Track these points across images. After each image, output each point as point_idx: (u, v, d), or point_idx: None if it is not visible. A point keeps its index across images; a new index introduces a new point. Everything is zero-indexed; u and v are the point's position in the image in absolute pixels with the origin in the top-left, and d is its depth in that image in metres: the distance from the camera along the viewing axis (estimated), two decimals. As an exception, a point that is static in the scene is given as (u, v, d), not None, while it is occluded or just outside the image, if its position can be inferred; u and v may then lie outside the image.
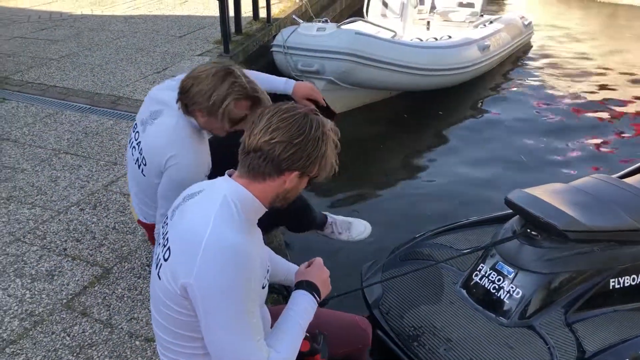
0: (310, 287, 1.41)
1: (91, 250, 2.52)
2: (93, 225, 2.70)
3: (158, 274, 1.27)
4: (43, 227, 2.68)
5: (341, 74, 5.08)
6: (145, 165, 1.92)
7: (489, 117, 5.56)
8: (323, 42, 5.06)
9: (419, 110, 5.61)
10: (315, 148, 1.24)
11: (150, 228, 2.09)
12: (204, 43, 5.43)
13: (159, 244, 1.32)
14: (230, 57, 5.03)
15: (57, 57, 5.17)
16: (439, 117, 5.53)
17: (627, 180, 2.51)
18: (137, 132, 1.98)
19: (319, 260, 1.52)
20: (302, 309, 1.36)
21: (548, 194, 2.16)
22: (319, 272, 1.47)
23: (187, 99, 1.76)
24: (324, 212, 2.46)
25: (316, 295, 1.41)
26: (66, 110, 4.03)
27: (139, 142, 1.94)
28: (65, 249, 2.52)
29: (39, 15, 6.66)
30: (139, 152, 1.94)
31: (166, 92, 1.91)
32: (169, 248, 1.24)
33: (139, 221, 2.15)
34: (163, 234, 1.32)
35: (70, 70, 4.79)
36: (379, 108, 5.63)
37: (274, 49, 5.35)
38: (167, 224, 1.33)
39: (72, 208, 2.83)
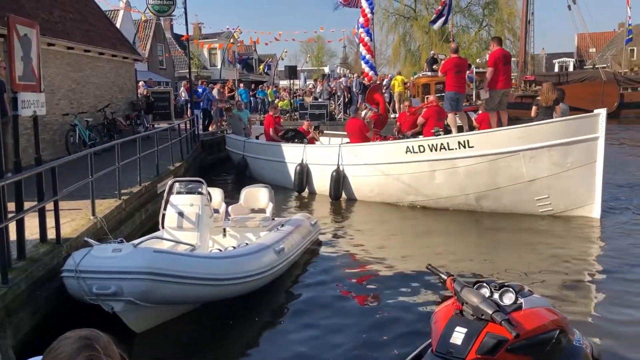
0: None
1: None
2: None
3: None
4: None
5: (141, 294, 4.94)
6: None
7: (289, 321, 5.77)
8: (120, 262, 4.97)
9: (222, 320, 5.63)
10: None
11: None
12: (-23, 275, 4.87)
13: None
14: (10, 287, 4.58)
15: None
16: (243, 326, 5.59)
17: None
18: None
19: None
20: None
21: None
22: None
23: None
24: None
25: None
26: None
27: None
28: None
29: None
30: None
31: None
32: None
33: None
34: None
35: None
36: (183, 321, 5.51)
37: (64, 274, 5.06)
38: None
39: None
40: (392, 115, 20.24)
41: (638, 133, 23.68)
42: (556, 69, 53.71)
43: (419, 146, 10.09)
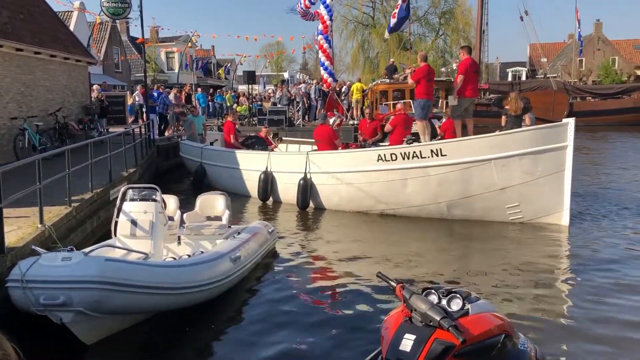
0: None
1: None
2: None
3: None
4: None
5: (92, 304, 4.81)
6: None
7: (244, 330, 5.72)
8: (69, 272, 4.83)
9: (177, 330, 5.53)
10: None
11: None
12: None
13: None
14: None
15: None
16: (199, 335, 5.52)
17: None
18: None
19: None
20: None
21: None
22: None
23: None
24: None
25: None
26: None
27: None
28: None
29: None
30: None
31: None
32: None
33: None
34: None
35: None
36: (136, 331, 5.39)
37: (9, 284, 4.88)
38: None
39: None
40: (351, 122, 20.40)
41: (587, 141, 24.63)
42: (510, 78, 55.40)
43: (391, 154, 9.91)
